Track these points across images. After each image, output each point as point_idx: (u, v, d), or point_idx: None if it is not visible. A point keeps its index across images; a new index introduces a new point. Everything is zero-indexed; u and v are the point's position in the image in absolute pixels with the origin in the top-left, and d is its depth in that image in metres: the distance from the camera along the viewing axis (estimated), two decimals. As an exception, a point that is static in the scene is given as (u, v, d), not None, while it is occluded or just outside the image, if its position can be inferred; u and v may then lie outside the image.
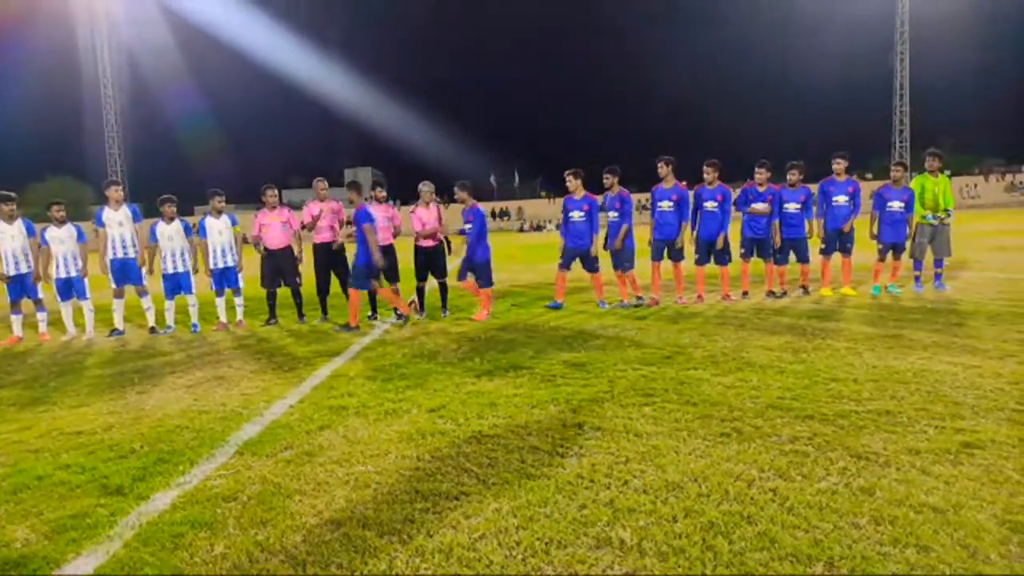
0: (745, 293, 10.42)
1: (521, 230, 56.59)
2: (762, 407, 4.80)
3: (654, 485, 3.52)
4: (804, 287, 10.49)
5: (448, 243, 10.21)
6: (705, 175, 10.23)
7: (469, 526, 3.14)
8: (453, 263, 10.09)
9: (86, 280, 9.84)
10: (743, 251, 10.43)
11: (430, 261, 9.88)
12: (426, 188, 9.95)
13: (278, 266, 9.99)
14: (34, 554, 3.02)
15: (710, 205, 10.12)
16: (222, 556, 2.95)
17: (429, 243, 9.82)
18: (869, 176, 59.32)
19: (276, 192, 10.25)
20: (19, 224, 9.60)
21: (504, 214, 64.35)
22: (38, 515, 3.44)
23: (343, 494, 3.58)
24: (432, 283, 10.07)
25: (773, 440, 4.12)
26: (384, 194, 10.28)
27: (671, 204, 10.02)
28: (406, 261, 9.91)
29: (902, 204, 10.23)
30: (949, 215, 10.34)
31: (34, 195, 61.44)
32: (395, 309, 9.74)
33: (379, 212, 10.01)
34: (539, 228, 61.46)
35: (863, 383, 5.30)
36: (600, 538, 2.99)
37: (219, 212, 9.99)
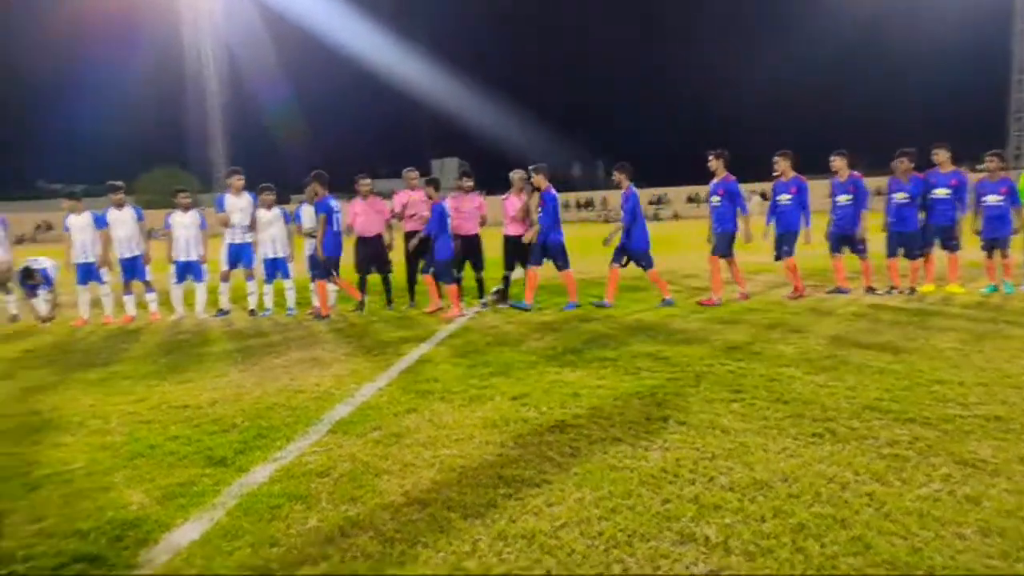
0: (871, 289, 9.91)
1: (605, 221, 56.04)
2: (858, 408, 4.60)
3: (741, 483, 3.44)
4: (912, 287, 9.87)
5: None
6: (775, 167, 9.91)
7: (551, 514, 3.17)
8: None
9: (204, 265, 10.41)
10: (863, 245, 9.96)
11: (520, 250, 9.92)
12: (517, 175, 9.98)
13: (369, 253, 10.29)
14: (148, 516, 3.26)
15: (783, 198, 9.82)
16: (315, 528, 3.10)
17: (519, 231, 9.87)
18: (981, 168, 55.34)
19: (370, 181, 10.56)
20: (129, 210, 10.29)
21: (588, 205, 63.93)
22: (151, 480, 3.70)
23: (429, 476, 3.67)
24: (519, 272, 10.13)
25: (870, 443, 3.94)
26: (471, 184, 10.40)
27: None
28: (494, 250, 10.02)
29: (1000, 197, 9.52)
30: None
31: (145, 184, 65.84)
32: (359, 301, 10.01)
33: (466, 202, 10.17)
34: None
35: (970, 386, 4.99)
36: (684, 533, 2.95)
37: (270, 204, 10.31)
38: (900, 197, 9.80)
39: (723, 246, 9.70)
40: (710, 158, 9.75)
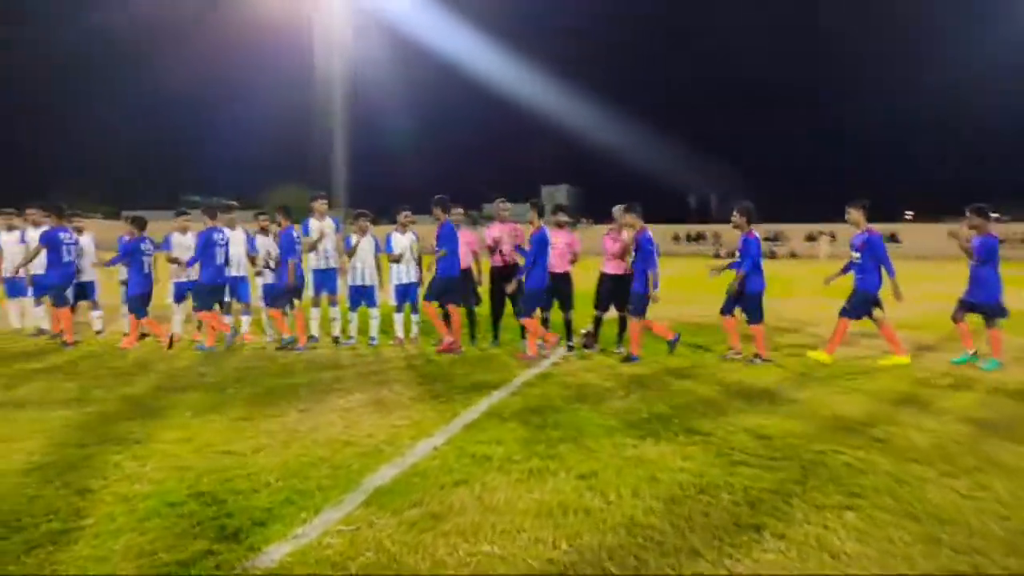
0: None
1: (716, 256, 53.94)
2: (1013, 534, 3.60)
3: (853, 647, 2.61)
4: None
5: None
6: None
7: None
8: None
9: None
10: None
11: (616, 289, 9.23)
12: (619, 211, 9.33)
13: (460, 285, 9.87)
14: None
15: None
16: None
17: (618, 270, 9.19)
18: None
19: (460, 210, 10.20)
20: (240, 231, 10.38)
21: (699, 238, 61.88)
22: (151, 555, 3.31)
23: (458, 583, 3.07)
24: (612, 313, 9.43)
25: (1035, 598, 2.98)
26: (565, 218, 9.82)
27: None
28: (585, 286, 9.37)
29: None
30: None
31: (275, 200, 69.65)
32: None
33: (559, 237, 9.58)
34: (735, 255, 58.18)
35: None
36: None
37: (363, 231, 10.05)
38: None
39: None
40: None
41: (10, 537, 3.50)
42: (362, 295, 10.14)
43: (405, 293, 10.08)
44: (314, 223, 10.09)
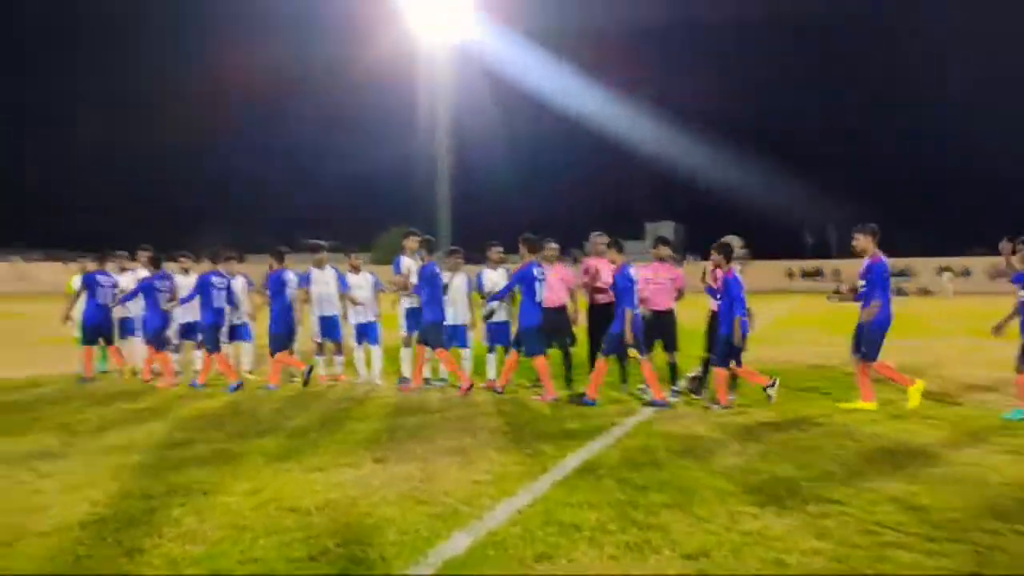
0: None
1: (836, 292, 50.71)
2: None
3: None
4: None
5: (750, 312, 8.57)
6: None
7: None
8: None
9: (379, 328, 10.14)
10: None
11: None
12: (735, 243, 8.56)
13: (551, 325, 9.30)
14: None
15: None
16: None
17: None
18: None
19: (556, 247, 9.68)
20: (330, 271, 10.29)
21: (816, 274, 58.57)
22: (177, 639, 2.86)
23: None
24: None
25: None
26: (668, 251, 9.09)
27: None
28: (691, 325, 8.56)
29: None
30: None
31: (383, 243, 72.12)
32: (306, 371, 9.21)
33: (662, 272, 8.86)
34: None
35: None
36: None
37: (456, 268, 9.67)
38: None
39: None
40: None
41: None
42: (455, 335, 9.73)
43: (498, 333, 9.61)
44: (406, 261, 9.83)
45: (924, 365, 10.54)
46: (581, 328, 9.37)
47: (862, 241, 7.80)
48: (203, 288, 9.66)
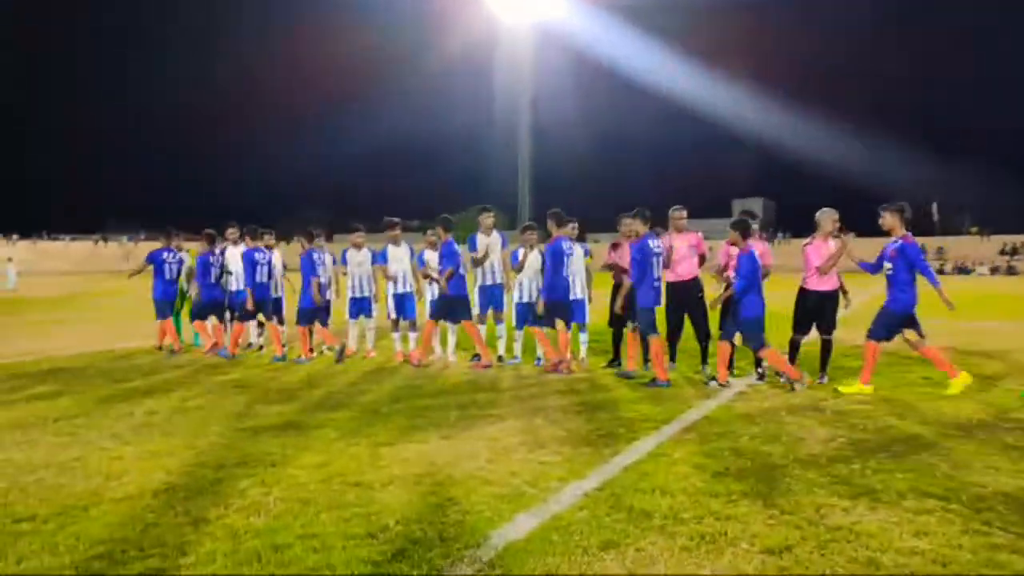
0: None
1: (940, 271, 47.71)
2: None
3: None
4: None
5: (844, 290, 8.02)
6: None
7: None
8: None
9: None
10: None
11: (819, 308, 7.91)
12: (826, 217, 7.98)
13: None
14: None
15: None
16: None
17: (826, 287, 7.86)
18: None
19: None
20: (404, 247, 10.30)
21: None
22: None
23: None
24: (812, 336, 8.03)
25: None
26: (754, 227, 8.57)
27: None
28: (777, 306, 8.08)
29: None
30: None
31: (463, 222, 72.82)
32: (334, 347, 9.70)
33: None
34: (965, 271, 51.16)
35: None
36: None
37: (531, 244, 9.44)
38: None
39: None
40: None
41: (108, 572, 3.20)
42: (528, 312, 9.56)
43: (575, 311, 9.36)
44: (481, 238, 9.70)
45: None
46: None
47: (889, 219, 7.25)
48: (249, 263, 10.15)
